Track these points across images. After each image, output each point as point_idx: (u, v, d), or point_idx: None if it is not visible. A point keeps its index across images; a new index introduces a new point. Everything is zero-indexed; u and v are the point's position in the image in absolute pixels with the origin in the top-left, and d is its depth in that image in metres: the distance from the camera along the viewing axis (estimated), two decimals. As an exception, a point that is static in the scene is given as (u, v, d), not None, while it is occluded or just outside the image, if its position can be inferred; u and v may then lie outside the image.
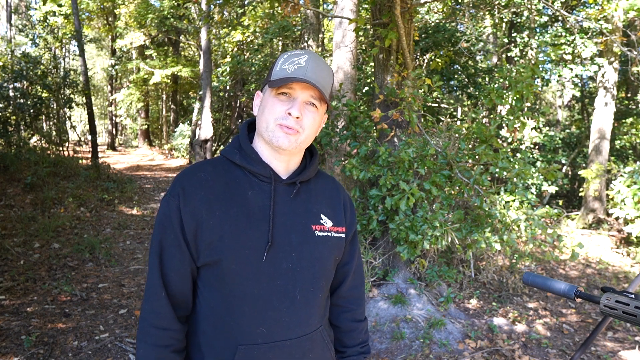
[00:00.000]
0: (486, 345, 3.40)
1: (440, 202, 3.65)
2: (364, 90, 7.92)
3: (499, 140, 5.10)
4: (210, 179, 1.01)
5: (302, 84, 0.97)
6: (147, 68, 15.46)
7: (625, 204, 6.00)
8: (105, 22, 17.39)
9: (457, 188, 3.53)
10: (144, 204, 7.98)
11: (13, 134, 8.06)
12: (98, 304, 3.81)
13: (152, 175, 11.94)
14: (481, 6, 9.20)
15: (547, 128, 10.52)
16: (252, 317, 0.97)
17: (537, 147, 10.73)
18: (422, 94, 3.88)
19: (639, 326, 0.90)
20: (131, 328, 3.45)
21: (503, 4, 8.73)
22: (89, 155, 10.47)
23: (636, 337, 3.67)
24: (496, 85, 4.94)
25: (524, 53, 9.19)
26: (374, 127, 4.01)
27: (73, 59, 21.56)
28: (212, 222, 0.96)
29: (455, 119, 9.06)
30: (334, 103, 4.26)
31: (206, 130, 11.31)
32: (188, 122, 16.12)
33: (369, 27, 6.26)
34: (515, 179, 3.54)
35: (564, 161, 10.11)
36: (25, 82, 8.62)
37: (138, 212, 7.36)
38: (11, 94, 8.39)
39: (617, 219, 7.84)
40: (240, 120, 14.64)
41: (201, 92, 11.88)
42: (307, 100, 0.99)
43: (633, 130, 10.26)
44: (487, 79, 8.09)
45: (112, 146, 20.28)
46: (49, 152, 8.82)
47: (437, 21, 8.55)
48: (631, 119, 10.39)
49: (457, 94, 9.21)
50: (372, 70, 6.50)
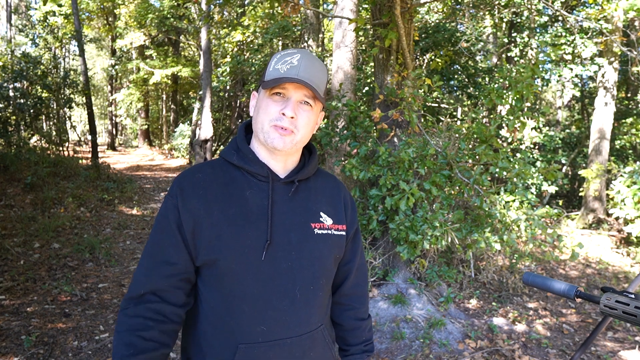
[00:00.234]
0: (486, 345, 3.40)
1: (440, 202, 3.65)
2: (364, 90, 7.92)
3: (499, 140, 5.10)
4: (209, 180, 1.01)
5: (295, 84, 0.97)
6: (147, 68, 15.46)
7: (625, 204, 6.00)
8: (105, 22, 17.39)
9: (457, 188, 3.53)
10: (144, 204, 7.98)
11: (13, 134, 8.06)
12: (98, 304, 3.81)
13: (152, 175, 11.94)
14: (481, 6, 9.20)
15: (547, 128, 10.51)
16: (252, 316, 0.97)
17: (537, 147, 10.73)
18: (422, 94, 3.88)
19: (639, 326, 0.90)
20: (131, 328, 3.44)
21: (503, 4, 8.72)
22: (89, 155, 10.47)
23: (636, 337, 3.67)
24: (496, 85, 4.94)
25: (524, 53, 9.19)
26: (374, 127, 4.01)
27: (73, 59, 21.57)
28: (210, 221, 0.96)
29: (455, 119, 9.06)
30: (333, 103, 4.26)
31: (206, 130, 11.31)
32: (188, 122, 16.12)
33: (369, 27, 6.26)
34: (515, 179, 3.54)
35: (564, 161, 10.11)
36: (25, 82, 8.62)
37: (138, 212, 7.36)
38: (11, 94, 8.39)
39: (617, 219, 7.84)
40: (240, 120, 14.64)
41: (201, 92, 11.88)
42: (301, 100, 0.99)
43: (633, 130, 10.25)
44: (487, 79, 8.09)
45: (112, 146, 20.28)
46: (49, 152, 8.82)
47: (437, 21, 8.56)
48: (631, 119, 10.39)
49: (457, 94, 9.21)
50: (372, 70, 6.50)
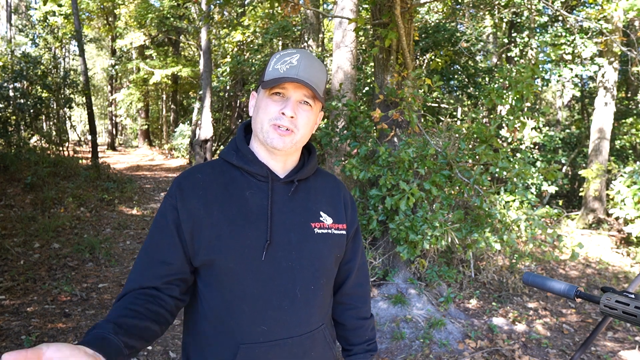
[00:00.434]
0: (486, 345, 3.40)
1: (440, 202, 3.65)
2: (364, 90, 7.92)
3: (499, 140, 5.10)
4: (209, 180, 1.01)
5: (295, 84, 0.97)
6: (147, 68, 15.45)
7: (625, 204, 6.00)
8: (105, 22, 17.38)
9: (457, 188, 3.53)
10: (144, 204, 7.98)
11: (13, 134, 8.06)
12: (98, 304, 3.81)
13: (152, 175, 11.94)
14: (481, 6, 9.20)
15: (547, 128, 10.51)
16: (253, 317, 0.96)
17: (537, 147, 10.73)
18: (422, 94, 3.88)
19: (639, 326, 0.90)
20: (131, 328, 3.45)
21: (503, 4, 8.72)
22: (89, 155, 10.47)
23: (636, 337, 3.67)
24: (496, 85, 4.94)
25: (524, 53, 9.19)
26: (374, 127, 4.01)
27: (73, 59, 21.56)
28: (210, 222, 0.96)
29: (455, 119, 9.06)
30: (333, 103, 4.26)
31: (206, 130, 11.31)
32: (188, 122, 16.12)
33: (369, 27, 6.26)
34: (515, 179, 3.54)
35: (564, 161, 10.11)
36: (25, 82, 8.62)
37: (138, 212, 7.36)
38: (11, 94, 8.39)
39: (617, 219, 7.84)
40: (240, 120, 14.64)
41: (201, 92, 11.88)
42: (301, 100, 0.99)
43: (633, 130, 10.26)
44: (487, 79, 8.10)
45: (112, 146, 20.27)
46: (49, 152, 8.82)
47: (437, 21, 8.56)
48: (631, 119, 10.39)
49: (457, 94, 9.21)
50: (372, 70, 6.50)
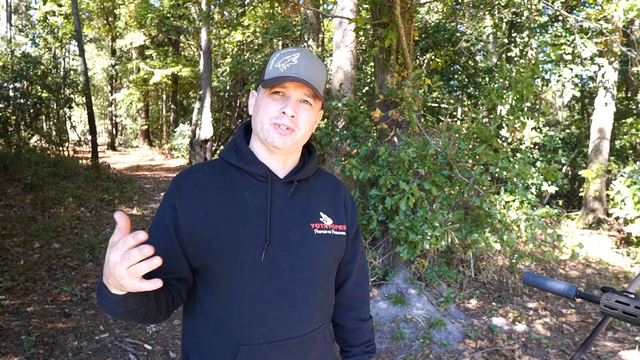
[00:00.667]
0: (486, 345, 3.40)
1: (440, 202, 3.65)
2: (364, 90, 7.92)
3: (499, 140, 5.10)
4: (207, 180, 1.00)
5: (295, 83, 0.96)
6: (147, 68, 15.45)
7: (625, 204, 6.00)
8: (105, 22, 17.38)
9: (457, 188, 3.53)
10: (144, 204, 7.97)
11: (13, 134, 8.05)
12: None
13: (152, 175, 11.94)
14: (481, 6, 9.20)
15: (547, 128, 10.51)
16: (253, 317, 0.96)
17: (537, 147, 10.73)
18: (422, 94, 3.88)
19: (639, 326, 0.90)
20: (131, 328, 3.45)
21: (503, 4, 8.72)
22: (89, 155, 10.46)
23: (636, 337, 3.67)
24: (496, 85, 4.94)
25: (524, 53, 9.18)
26: (374, 127, 4.01)
27: (73, 59, 21.55)
28: (209, 221, 0.96)
29: (455, 119, 9.06)
30: (333, 103, 4.26)
31: (206, 130, 11.31)
32: (188, 122, 16.11)
33: (369, 27, 6.26)
34: (515, 179, 3.54)
35: (564, 161, 10.11)
36: (25, 82, 8.61)
37: (138, 212, 7.36)
38: (11, 94, 8.39)
39: (617, 219, 7.84)
40: (240, 120, 14.64)
41: (201, 92, 11.88)
42: (301, 99, 0.98)
43: (633, 130, 10.26)
44: (487, 79, 8.09)
45: (112, 146, 20.26)
46: (49, 152, 8.82)
47: (437, 21, 8.56)
48: (631, 119, 10.39)
49: (457, 94, 9.21)
50: (372, 70, 6.50)
